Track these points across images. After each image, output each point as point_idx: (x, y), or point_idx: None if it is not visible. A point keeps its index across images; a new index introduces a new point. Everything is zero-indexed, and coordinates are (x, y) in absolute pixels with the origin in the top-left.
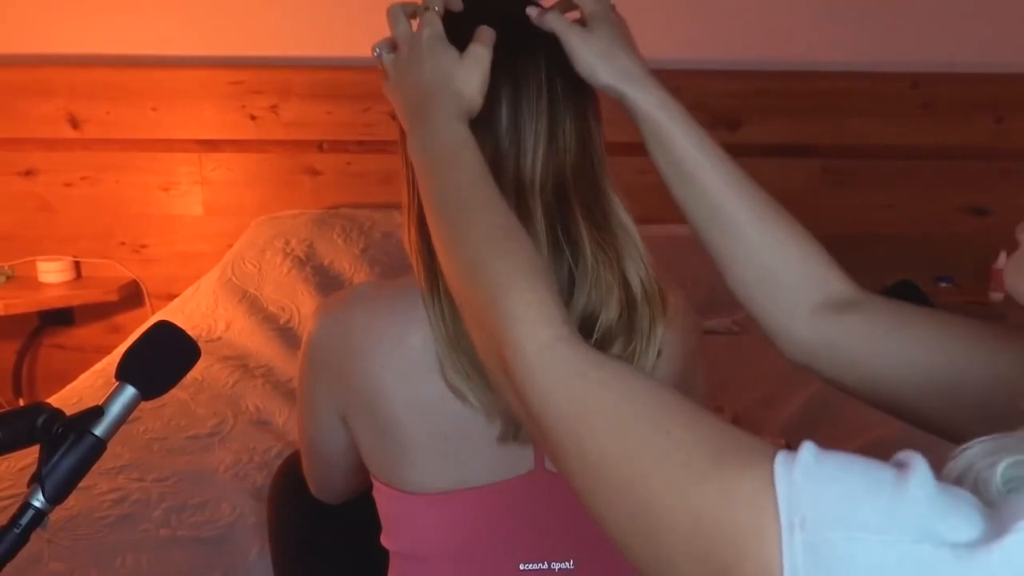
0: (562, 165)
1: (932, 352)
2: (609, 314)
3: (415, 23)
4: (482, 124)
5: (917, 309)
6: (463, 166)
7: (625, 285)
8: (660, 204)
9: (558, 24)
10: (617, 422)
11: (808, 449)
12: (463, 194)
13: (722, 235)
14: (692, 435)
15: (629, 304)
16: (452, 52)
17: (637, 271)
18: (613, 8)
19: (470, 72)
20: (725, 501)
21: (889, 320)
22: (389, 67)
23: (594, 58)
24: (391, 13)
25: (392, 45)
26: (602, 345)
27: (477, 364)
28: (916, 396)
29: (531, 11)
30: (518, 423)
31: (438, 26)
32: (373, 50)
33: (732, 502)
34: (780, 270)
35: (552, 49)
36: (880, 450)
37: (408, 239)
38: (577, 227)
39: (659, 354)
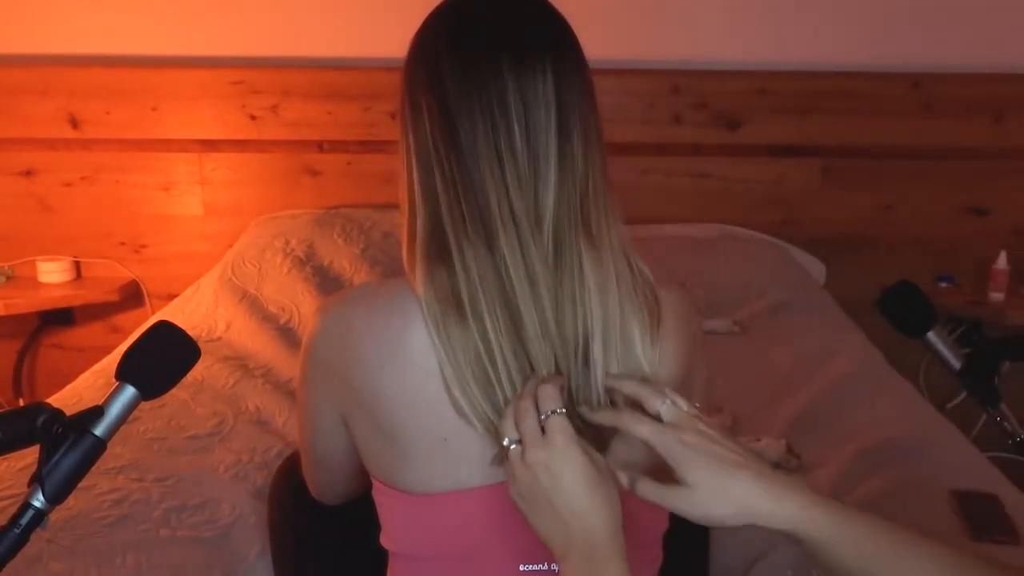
0: (572, 189)
1: None
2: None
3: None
4: (496, 155)
5: None
6: None
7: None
8: (661, 204)
9: (653, 492)
10: None
11: None
12: None
13: None
14: None
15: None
16: (591, 471)
17: (633, 296)
18: (689, 416)
19: (614, 496)
20: None
21: None
22: (517, 467)
23: (706, 510)
24: (518, 408)
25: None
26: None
27: (479, 388)
28: None
29: (622, 477)
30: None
31: (570, 432)
32: (503, 440)
33: None
34: None
35: (558, 65)
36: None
37: (408, 260)
38: (579, 255)
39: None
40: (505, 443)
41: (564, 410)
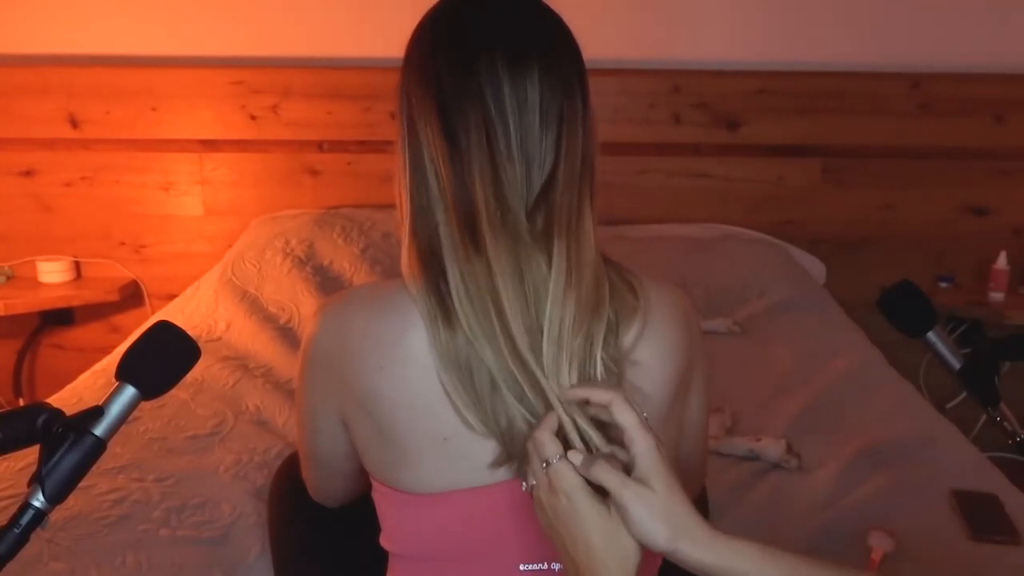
0: (564, 191)
1: None
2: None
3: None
4: (490, 157)
5: None
6: None
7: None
8: (660, 204)
9: (608, 478)
10: None
11: None
12: None
13: None
14: None
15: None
16: (601, 511)
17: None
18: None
19: (624, 541)
20: None
21: None
22: (537, 506)
23: (653, 521)
24: (530, 444)
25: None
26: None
27: (480, 392)
28: None
29: (573, 456)
30: (511, 451)
31: (572, 481)
32: (521, 485)
33: None
34: None
35: (553, 65)
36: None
37: (405, 261)
38: (560, 255)
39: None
40: (524, 488)
41: (561, 455)
